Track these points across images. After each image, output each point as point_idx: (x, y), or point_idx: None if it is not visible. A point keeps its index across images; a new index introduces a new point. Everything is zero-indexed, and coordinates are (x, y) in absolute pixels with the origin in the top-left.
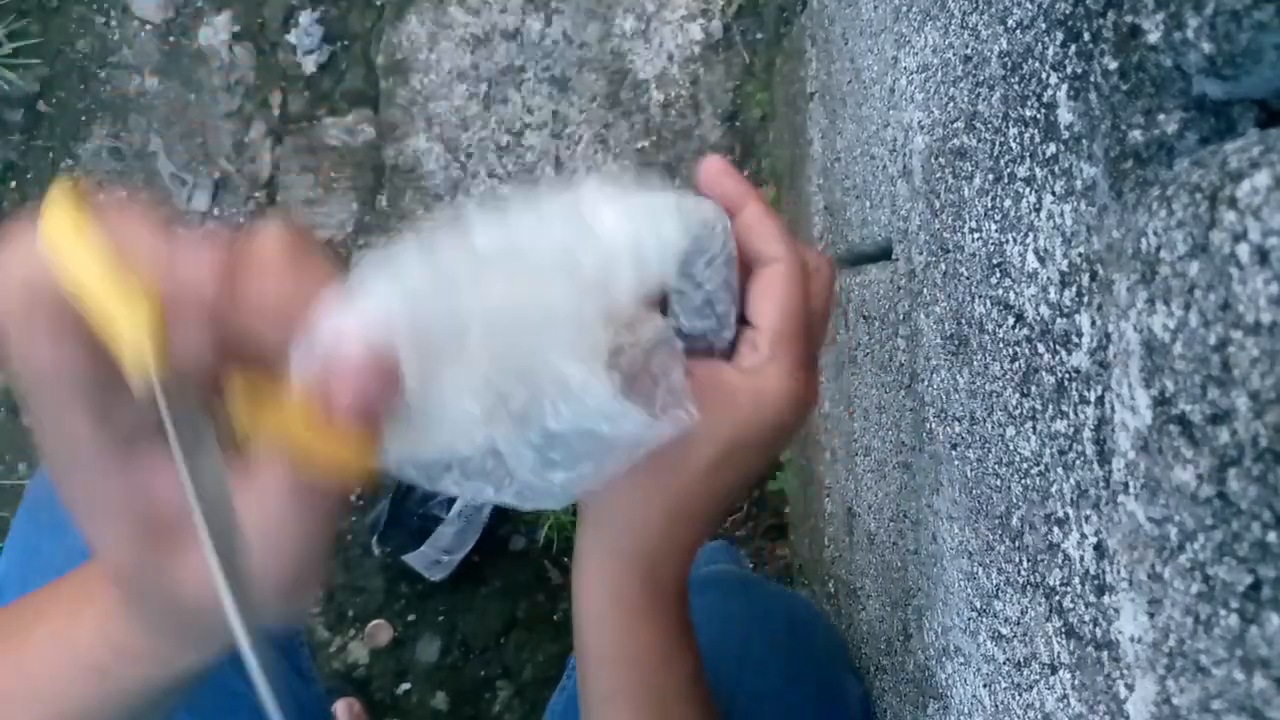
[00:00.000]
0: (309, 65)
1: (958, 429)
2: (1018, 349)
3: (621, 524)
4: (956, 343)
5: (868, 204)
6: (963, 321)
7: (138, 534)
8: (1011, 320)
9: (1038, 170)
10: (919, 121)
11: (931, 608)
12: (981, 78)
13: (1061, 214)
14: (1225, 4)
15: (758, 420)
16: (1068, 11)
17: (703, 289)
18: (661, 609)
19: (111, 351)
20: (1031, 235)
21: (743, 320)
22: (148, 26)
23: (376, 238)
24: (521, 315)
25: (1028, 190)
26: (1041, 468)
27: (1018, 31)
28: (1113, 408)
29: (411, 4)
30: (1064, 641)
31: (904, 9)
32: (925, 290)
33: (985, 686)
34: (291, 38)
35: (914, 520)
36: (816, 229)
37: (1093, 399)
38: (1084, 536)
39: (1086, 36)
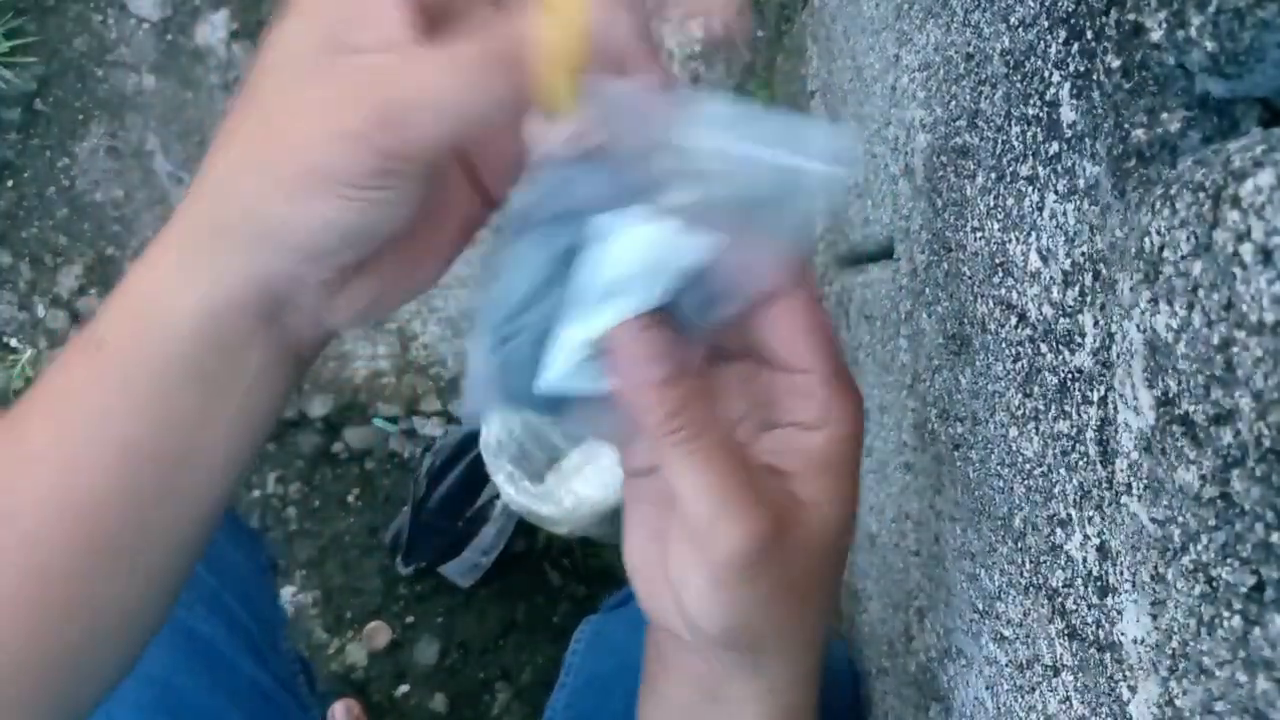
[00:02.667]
0: None
1: (960, 429)
2: (1020, 349)
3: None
4: (959, 343)
5: (869, 203)
6: (965, 321)
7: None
8: (1014, 320)
9: (1040, 169)
10: (921, 120)
11: (933, 609)
12: (984, 76)
13: (1064, 213)
14: (1228, 2)
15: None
16: (1070, 9)
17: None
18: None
19: None
20: (1034, 234)
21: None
22: (145, 25)
23: None
24: None
25: (1030, 189)
26: (1044, 468)
27: (1020, 29)
28: (1116, 408)
29: None
30: (1067, 643)
31: (905, 7)
32: (927, 290)
33: (988, 688)
34: None
35: (916, 521)
36: (818, 228)
37: (1095, 399)
38: (1087, 538)
39: (1089, 35)
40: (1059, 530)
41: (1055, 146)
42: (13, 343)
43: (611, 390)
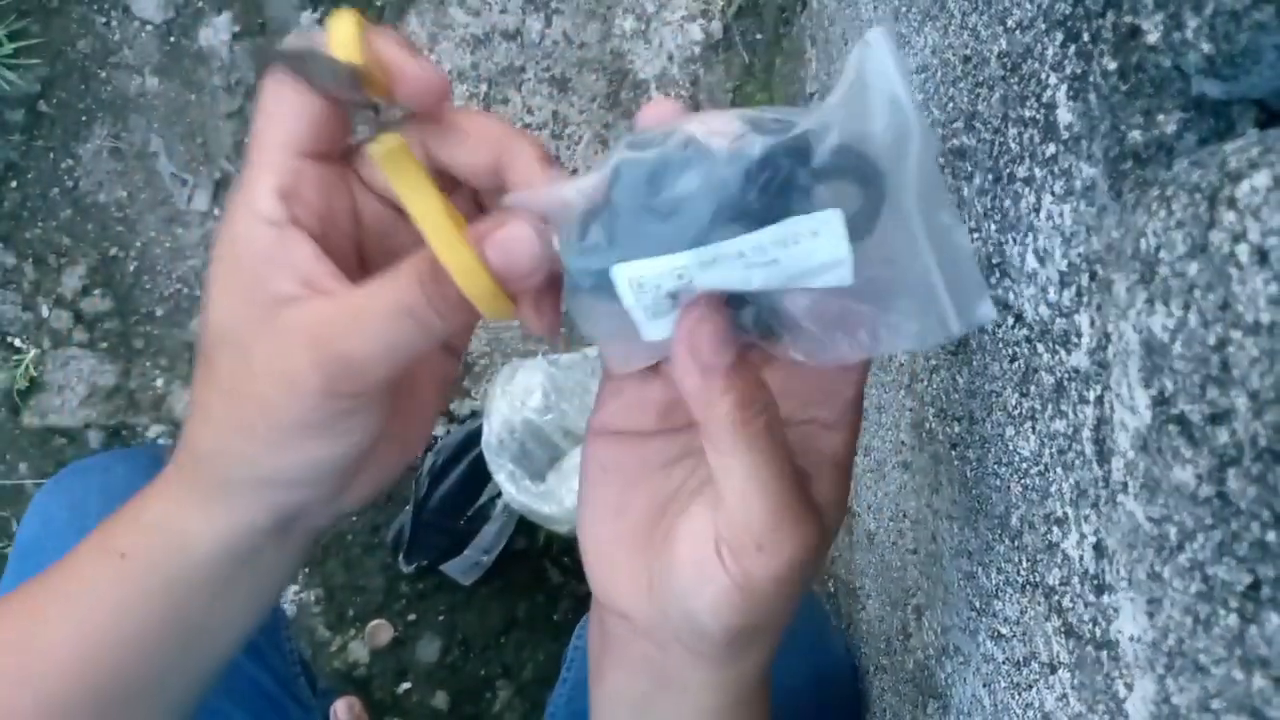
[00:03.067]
0: None
1: (957, 429)
2: (1017, 349)
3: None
4: (955, 343)
5: None
6: None
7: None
8: (1011, 320)
9: (1037, 170)
10: None
11: (931, 607)
12: (981, 78)
13: (1061, 214)
14: (1224, 4)
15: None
16: (1067, 12)
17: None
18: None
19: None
20: (1031, 235)
21: None
22: (148, 27)
23: None
24: None
25: (1027, 190)
26: (1041, 467)
27: (1017, 32)
28: (1112, 408)
29: (411, 4)
30: (1063, 641)
31: (903, 9)
32: None
33: (985, 686)
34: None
35: (913, 520)
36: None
37: (1092, 399)
38: (1083, 536)
39: (1086, 37)
40: (1055, 529)
41: (1052, 148)
42: (16, 342)
43: (676, 348)
